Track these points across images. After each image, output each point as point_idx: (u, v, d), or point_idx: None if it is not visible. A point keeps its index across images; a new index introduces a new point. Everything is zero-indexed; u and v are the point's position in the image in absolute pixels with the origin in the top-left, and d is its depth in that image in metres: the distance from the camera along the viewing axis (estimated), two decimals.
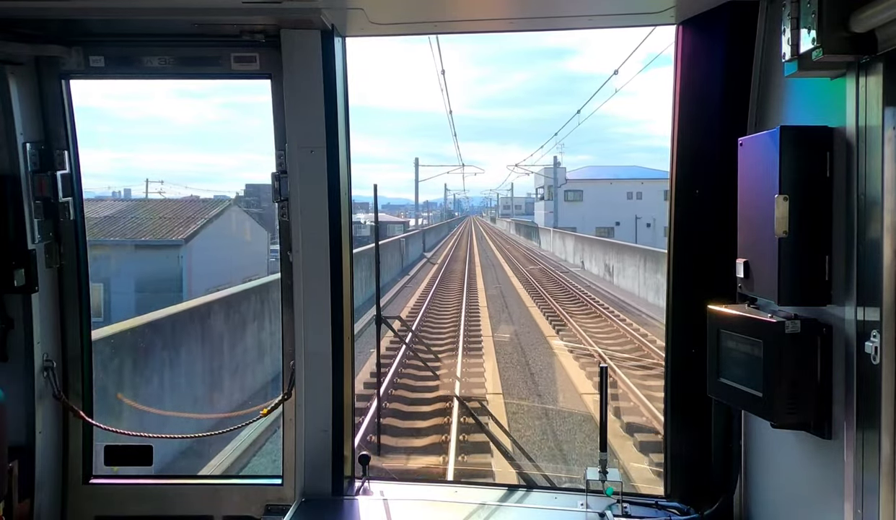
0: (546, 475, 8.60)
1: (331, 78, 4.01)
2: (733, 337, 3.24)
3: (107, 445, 4.44)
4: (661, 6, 3.75)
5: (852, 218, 2.80)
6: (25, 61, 4.05)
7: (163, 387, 12.89)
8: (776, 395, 2.98)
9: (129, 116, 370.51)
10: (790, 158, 2.92)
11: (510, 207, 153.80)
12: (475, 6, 4.14)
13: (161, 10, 3.81)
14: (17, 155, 4.01)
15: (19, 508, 4.01)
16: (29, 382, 4.14)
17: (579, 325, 23.65)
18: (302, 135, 4.05)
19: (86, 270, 4.39)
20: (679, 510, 3.99)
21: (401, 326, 20.60)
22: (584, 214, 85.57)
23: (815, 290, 2.94)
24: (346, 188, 4.20)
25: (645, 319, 25.15)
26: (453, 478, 10.52)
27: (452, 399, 14.03)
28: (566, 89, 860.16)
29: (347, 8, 3.82)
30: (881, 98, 2.64)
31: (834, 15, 2.65)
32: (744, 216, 3.29)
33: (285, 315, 4.25)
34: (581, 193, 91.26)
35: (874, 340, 2.68)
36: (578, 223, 79.22)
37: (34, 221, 4.11)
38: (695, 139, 3.87)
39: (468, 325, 23.93)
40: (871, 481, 2.74)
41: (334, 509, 4.17)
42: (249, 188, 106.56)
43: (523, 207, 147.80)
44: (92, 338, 4.47)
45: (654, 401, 13.39)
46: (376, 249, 6.31)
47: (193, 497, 4.35)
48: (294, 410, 4.21)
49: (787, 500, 3.39)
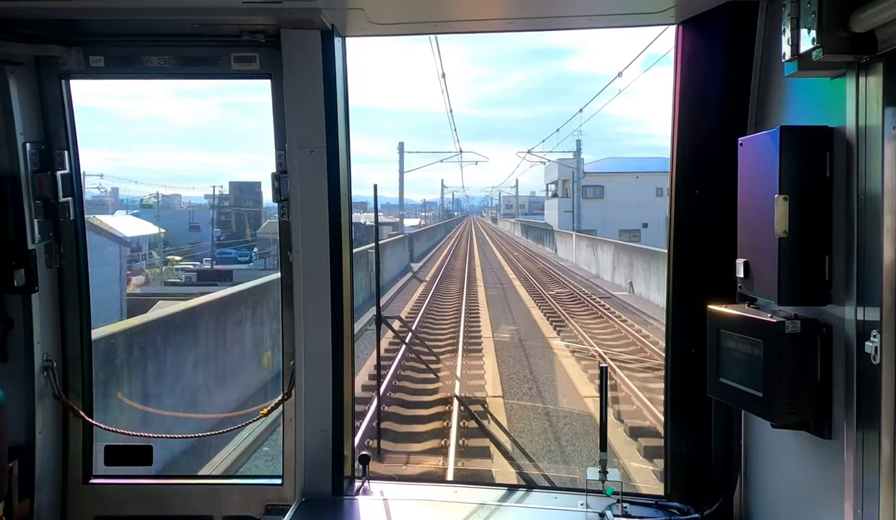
0: (546, 475, 8.60)
1: (331, 78, 4.01)
2: (733, 337, 3.24)
3: (107, 445, 4.44)
4: (661, 6, 3.75)
5: (852, 218, 2.79)
6: (25, 61, 4.05)
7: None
8: (776, 395, 2.98)
9: (129, 116, 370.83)
10: (790, 158, 2.92)
11: (513, 206, 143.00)
12: (475, 6, 4.14)
13: (161, 10, 3.81)
14: (17, 155, 4.01)
15: (19, 508, 4.01)
16: (29, 383, 4.14)
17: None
18: (302, 135, 4.05)
19: (86, 270, 4.39)
20: (679, 510, 3.99)
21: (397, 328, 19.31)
22: (606, 213, 71.11)
23: (815, 290, 2.94)
24: (346, 188, 4.20)
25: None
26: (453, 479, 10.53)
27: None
28: (565, 89, 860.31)
29: (347, 8, 3.82)
30: (881, 98, 2.64)
31: (834, 15, 2.65)
32: (744, 216, 3.29)
33: (285, 315, 4.25)
34: (601, 189, 76.07)
35: (874, 340, 2.68)
36: (598, 225, 66.43)
37: (34, 221, 4.11)
38: (695, 139, 3.87)
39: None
40: (871, 481, 2.74)
41: (334, 509, 4.17)
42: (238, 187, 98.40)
43: (527, 206, 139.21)
44: (92, 338, 4.48)
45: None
46: (376, 249, 6.31)
47: (193, 497, 4.35)
48: (294, 410, 4.21)
49: (787, 500, 3.39)
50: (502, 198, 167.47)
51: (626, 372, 16.31)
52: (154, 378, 12.19)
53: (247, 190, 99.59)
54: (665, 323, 4.10)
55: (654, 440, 12.08)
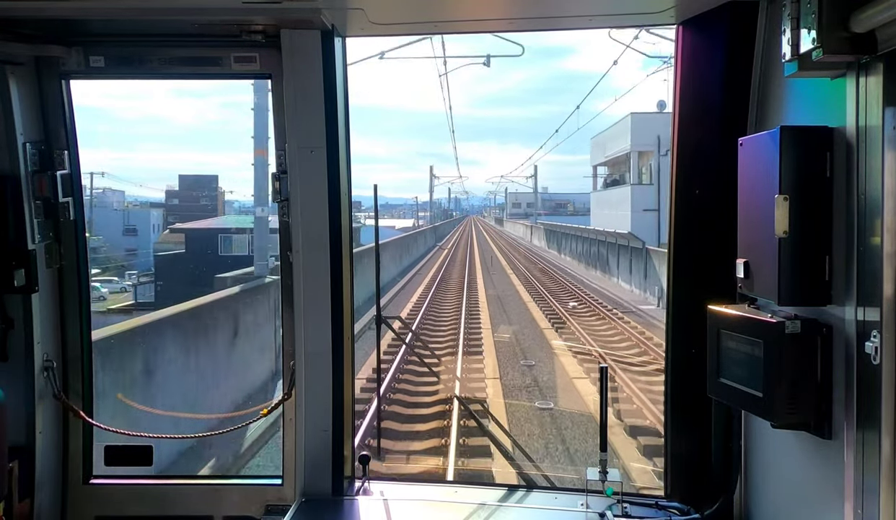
0: (546, 475, 8.59)
1: (331, 78, 4.01)
2: (733, 337, 3.24)
3: (107, 445, 4.44)
4: (661, 6, 3.75)
5: (852, 218, 2.79)
6: (25, 61, 4.05)
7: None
8: (776, 395, 2.98)
9: (128, 116, 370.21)
10: (790, 158, 2.92)
11: (521, 205, 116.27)
12: (475, 6, 4.14)
13: (161, 10, 3.81)
14: (17, 155, 4.01)
15: (19, 508, 4.01)
16: (29, 382, 4.14)
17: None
18: (302, 135, 4.05)
19: (86, 270, 4.40)
20: (679, 510, 3.99)
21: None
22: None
23: (815, 290, 2.94)
24: (346, 188, 4.20)
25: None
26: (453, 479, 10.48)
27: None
28: (565, 88, 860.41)
29: (347, 8, 3.82)
30: (881, 98, 2.64)
31: (834, 15, 2.65)
32: (744, 216, 3.29)
33: (285, 315, 4.25)
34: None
35: (874, 340, 2.68)
36: (651, 231, 39.58)
37: (34, 221, 4.11)
38: (695, 139, 3.87)
39: None
40: (871, 481, 2.74)
41: (334, 509, 4.17)
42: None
43: (538, 204, 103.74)
44: (92, 338, 4.48)
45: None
46: (376, 249, 6.29)
47: (193, 497, 4.35)
48: (294, 410, 4.21)
49: (788, 500, 3.39)
50: (508, 195, 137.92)
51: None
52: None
53: (203, 184, 76.91)
54: (665, 323, 4.11)
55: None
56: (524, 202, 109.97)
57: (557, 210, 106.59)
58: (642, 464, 11.51)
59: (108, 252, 64.36)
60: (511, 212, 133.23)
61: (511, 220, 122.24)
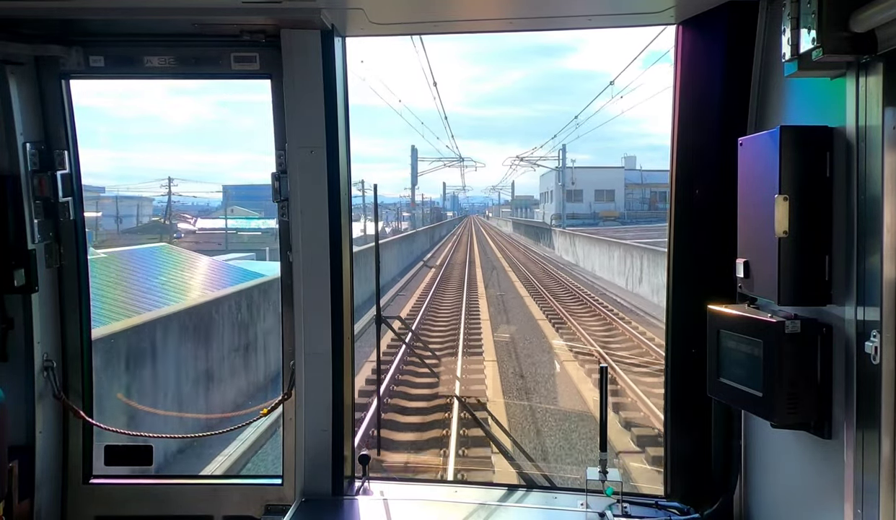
0: (546, 475, 8.60)
1: (331, 78, 4.01)
2: (733, 337, 3.24)
3: (107, 445, 4.44)
4: (660, 6, 3.75)
5: (852, 218, 2.79)
6: (25, 61, 4.05)
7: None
8: (776, 395, 2.98)
9: (125, 115, 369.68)
10: (790, 158, 2.92)
11: (534, 203, 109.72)
12: (475, 6, 4.13)
13: (161, 10, 3.81)
14: (17, 155, 4.01)
15: (19, 508, 4.01)
16: (29, 382, 4.14)
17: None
18: (302, 135, 4.05)
19: (86, 270, 4.40)
20: (679, 510, 3.99)
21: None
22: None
23: (814, 290, 2.94)
24: (346, 188, 4.20)
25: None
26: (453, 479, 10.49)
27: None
28: (564, 87, 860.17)
29: (347, 8, 3.82)
30: (881, 98, 2.64)
31: (834, 15, 2.64)
32: (744, 216, 3.29)
33: (285, 315, 4.25)
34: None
35: (874, 340, 2.68)
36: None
37: (34, 221, 4.11)
38: (695, 139, 3.87)
39: None
40: (871, 481, 2.74)
41: (334, 509, 4.17)
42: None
43: (540, 202, 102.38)
44: (92, 338, 4.48)
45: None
46: (376, 249, 6.30)
47: (193, 497, 4.35)
48: (294, 409, 4.21)
49: (787, 500, 3.39)
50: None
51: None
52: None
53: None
54: (665, 323, 4.10)
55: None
56: (561, 193, 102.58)
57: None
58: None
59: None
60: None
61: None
